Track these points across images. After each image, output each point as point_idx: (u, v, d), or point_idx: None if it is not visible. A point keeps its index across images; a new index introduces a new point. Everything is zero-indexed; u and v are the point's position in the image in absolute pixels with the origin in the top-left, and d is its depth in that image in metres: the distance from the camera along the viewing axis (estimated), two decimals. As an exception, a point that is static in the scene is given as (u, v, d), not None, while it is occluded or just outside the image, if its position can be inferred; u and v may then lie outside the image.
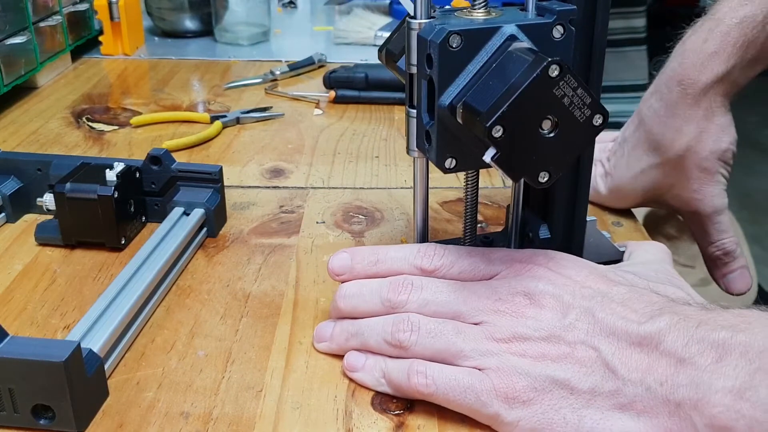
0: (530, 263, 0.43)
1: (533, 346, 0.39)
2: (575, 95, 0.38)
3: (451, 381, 0.40)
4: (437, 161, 0.43)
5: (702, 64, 0.54)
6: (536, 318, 0.40)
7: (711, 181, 0.57)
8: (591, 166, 0.47)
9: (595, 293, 0.40)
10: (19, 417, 0.39)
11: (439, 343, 0.41)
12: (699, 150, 0.56)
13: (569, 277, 0.41)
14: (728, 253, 0.59)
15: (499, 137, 0.37)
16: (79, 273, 0.54)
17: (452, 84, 0.41)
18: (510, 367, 0.39)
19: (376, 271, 0.45)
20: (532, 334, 0.39)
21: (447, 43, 0.40)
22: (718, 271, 0.60)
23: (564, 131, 0.39)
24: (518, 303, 0.41)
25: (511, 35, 0.41)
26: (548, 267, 0.42)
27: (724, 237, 0.59)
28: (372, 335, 0.43)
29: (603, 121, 0.39)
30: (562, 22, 0.41)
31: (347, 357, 0.44)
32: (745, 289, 0.59)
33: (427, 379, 0.40)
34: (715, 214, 0.58)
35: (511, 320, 0.40)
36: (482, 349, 0.40)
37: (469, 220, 0.49)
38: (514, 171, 0.39)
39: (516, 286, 0.41)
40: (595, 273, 0.42)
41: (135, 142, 0.77)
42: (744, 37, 0.52)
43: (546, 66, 0.37)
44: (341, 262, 0.46)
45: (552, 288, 0.41)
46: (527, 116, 0.38)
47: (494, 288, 0.42)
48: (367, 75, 0.87)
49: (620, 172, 0.61)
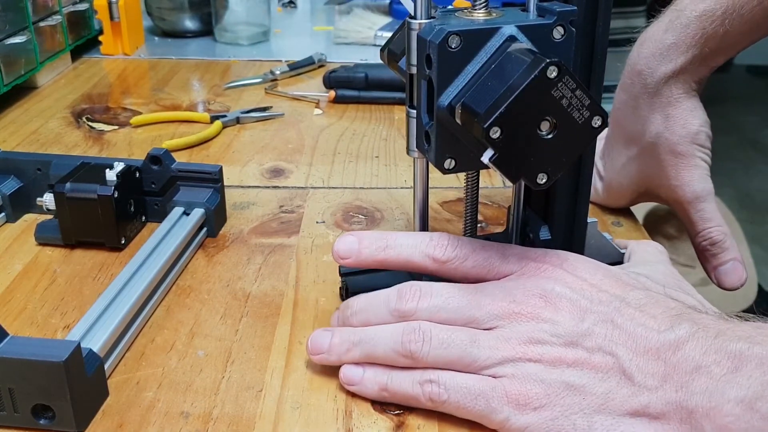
0: (545, 263, 0.42)
1: (549, 351, 0.38)
2: (574, 96, 0.38)
3: (464, 389, 0.39)
4: (436, 162, 0.43)
5: (661, 55, 0.53)
6: (552, 321, 0.39)
7: (688, 165, 0.55)
8: (592, 167, 0.47)
9: (612, 298, 0.40)
10: (19, 417, 0.39)
11: (453, 353, 0.39)
12: (669, 136, 0.55)
13: (584, 279, 0.41)
14: (715, 244, 0.56)
15: (497, 138, 0.37)
16: (79, 273, 0.54)
17: (451, 84, 0.41)
18: (525, 373, 0.38)
19: (384, 257, 0.43)
20: (549, 339, 0.39)
21: (446, 44, 0.40)
22: (708, 264, 0.57)
23: (562, 132, 0.39)
24: (533, 305, 0.40)
25: (511, 36, 0.40)
26: (563, 268, 0.41)
27: (709, 225, 0.56)
28: (380, 345, 0.41)
29: (602, 122, 0.39)
30: (562, 23, 0.41)
31: (344, 370, 0.42)
32: (738, 283, 0.56)
33: (440, 388, 0.39)
34: (698, 201, 0.56)
35: (527, 324, 0.39)
36: (497, 357, 0.39)
37: (470, 220, 0.49)
38: (512, 172, 0.39)
39: (531, 288, 0.40)
40: (610, 276, 0.41)
41: (135, 141, 0.77)
42: (703, 30, 0.52)
43: (544, 67, 0.37)
44: (348, 245, 0.43)
45: (568, 291, 0.40)
46: (525, 117, 0.38)
47: (508, 290, 0.41)
48: (367, 75, 0.87)
49: (608, 170, 0.61)
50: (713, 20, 0.51)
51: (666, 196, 0.58)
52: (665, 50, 0.53)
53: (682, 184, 0.55)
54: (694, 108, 0.55)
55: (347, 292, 0.49)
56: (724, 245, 0.56)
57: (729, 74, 3.17)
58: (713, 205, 0.56)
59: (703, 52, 0.53)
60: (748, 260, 1.45)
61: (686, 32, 0.52)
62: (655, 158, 0.56)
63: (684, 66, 0.53)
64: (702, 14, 0.52)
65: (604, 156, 0.62)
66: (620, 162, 0.59)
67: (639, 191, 0.60)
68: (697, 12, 0.52)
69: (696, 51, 0.53)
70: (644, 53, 0.54)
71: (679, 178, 0.55)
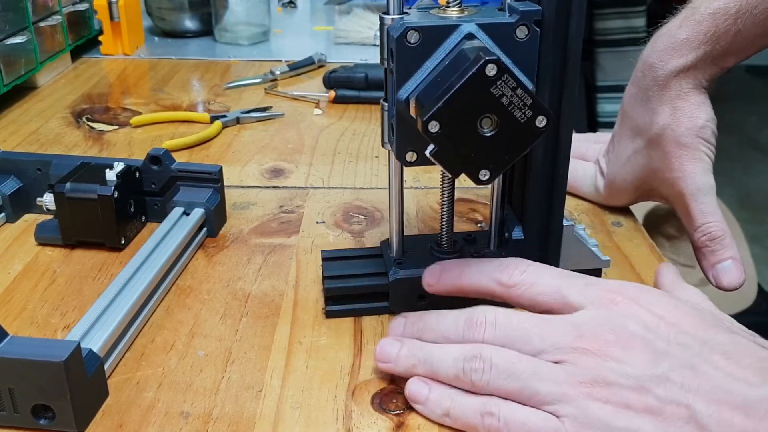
0: (619, 295, 0.39)
1: (617, 393, 0.36)
2: (515, 95, 0.38)
3: (524, 427, 0.37)
4: (398, 154, 0.44)
5: (673, 49, 0.54)
6: (623, 361, 0.36)
7: (691, 158, 0.55)
8: (567, 166, 0.47)
9: (693, 341, 0.36)
10: (19, 417, 0.39)
11: (514, 385, 0.38)
12: (675, 127, 0.55)
13: (662, 317, 0.37)
14: (714, 239, 0.54)
15: (435, 133, 0.38)
16: (79, 273, 0.54)
17: (411, 79, 0.42)
18: (588, 416, 0.36)
19: (460, 283, 0.44)
20: (617, 380, 0.36)
21: (404, 39, 0.41)
22: (706, 261, 0.55)
23: (504, 131, 0.39)
24: (603, 341, 0.37)
25: (469, 34, 0.41)
26: (639, 303, 0.38)
27: (709, 220, 0.54)
28: (443, 367, 0.40)
29: (546, 122, 0.39)
30: (525, 23, 0.42)
31: (410, 385, 0.41)
32: (736, 283, 0.54)
33: (499, 422, 0.38)
34: (699, 193, 0.55)
35: (594, 360, 0.37)
36: (560, 393, 0.37)
37: (446, 217, 0.49)
38: (453, 167, 0.40)
39: (602, 323, 0.38)
40: (692, 314, 0.38)
41: (135, 142, 0.77)
42: (716, 27, 0.52)
43: (483, 64, 0.37)
44: (431, 273, 0.45)
45: (642, 330, 0.37)
46: (465, 113, 0.38)
47: (577, 324, 0.38)
48: (367, 75, 0.87)
49: (611, 166, 0.61)
50: (726, 18, 0.52)
51: (667, 191, 0.57)
52: (678, 45, 0.54)
53: (684, 175, 0.55)
54: (702, 103, 0.55)
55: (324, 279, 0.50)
56: (723, 242, 0.54)
57: (729, 74, 3.14)
58: (714, 200, 0.55)
59: (715, 50, 0.53)
60: (748, 260, 1.44)
61: (699, 29, 0.53)
62: (660, 150, 0.56)
63: (695, 62, 0.54)
64: (716, 12, 0.52)
65: (608, 152, 0.62)
66: (625, 155, 0.59)
67: (642, 187, 0.60)
68: (711, 9, 0.52)
69: (708, 48, 0.53)
70: (657, 47, 0.55)
71: (681, 170, 0.55)
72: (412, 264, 0.49)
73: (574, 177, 0.63)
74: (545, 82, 0.44)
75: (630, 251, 0.58)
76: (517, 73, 0.42)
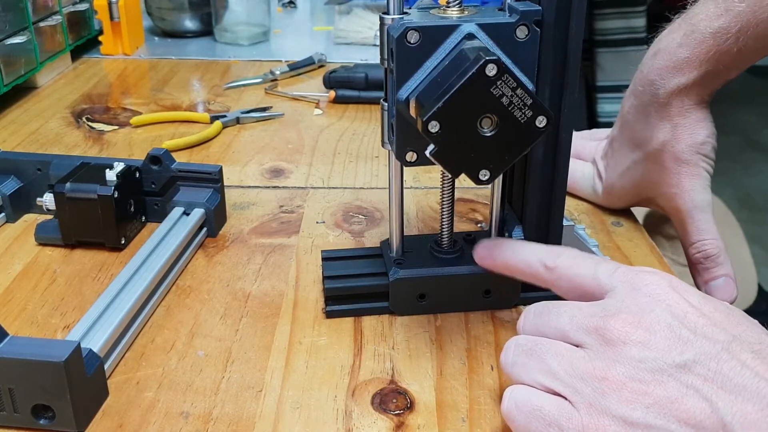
0: (650, 281, 0.38)
1: (634, 380, 0.34)
2: (515, 95, 0.38)
3: (536, 410, 0.36)
4: (398, 154, 0.44)
5: (674, 68, 0.53)
6: (644, 344, 0.34)
7: (690, 174, 0.55)
8: (567, 166, 0.47)
9: (723, 334, 0.34)
10: (19, 417, 0.39)
11: (534, 366, 0.38)
12: (675, 143, 0.55)
13: (692, 305, 0.36)
14: (709, 257, 0.55)
15: (435, 133, 0.38)
16: (79, 273, 0.54)
17: (411, 78, 0.42)
18: (604, 405, 0.34)
19: (514, 261, 0.45)
20: (636, 365, 0.34)
21: (404, 39, 0.41)
22: (699, 278, 0.56)
23: (504, 131, 0.39)
24: (625, 321, 0.35)
25: (469, 34, 0.41)
26: (672, 289, 0.37)
27: (704, 237, 0.55)
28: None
29: (546, 122, 0.39)
30: (525, 23, 0.42)
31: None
32: (727, 301, 0.55)
33: (508, 402, 0.37)
34: (696, 210, 0.55)
35: (614, 347, 0.35)
36: (577, 375, 0.35)
37: (446, 217, 0.49)
38: (453, 167, 0.40)
39: (629, 305, 0.36)
40: (723, 309, 0.36)
41: (135, 142, 0.77)
42: (717, 47, 0.52)
43: (483, 64, 0.37)
44: (484, 249, 0.46)
45: (669, 317, 0.35)
46: (465, 114, 0.38)
47: (603, 305, 0.37)
48: (367, 75, 0.87)
49: (610, 172, 0.61)
50: (727, 38, 0.51)
51: (665, 204, 0.58)
52: (679, 64, 0.53)
53: (681, 191, 0.55)
54: (703, 119, 0.55)
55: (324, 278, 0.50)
56: (718, 260, 0.55)
57: (729, 75, 3.16)
58: (710, 217, 0.56)
59: (717, 68, 0.53)
60: (748, 260, 1.44)
61: (700, 48, 0.52)
62: (659, 165, 0.56)
63: (696, 80, 0.53)
64: (717, 31, 0.51)
65: (606, 156, 0.62)
66: (624, 165, 0.59)
67: (639, 196, 0.60)
68: (711, 29, 0.52)
69: (709, 66, 0.53)
70: (657, 65, 0.54)
71: (679, 186, 0.55)
72: (412, 264, 0.49)
73: (573, 178, 0.63)
74: (545, 82, 0.44)
75: (630, 251, 0.58)
76: (517, 73, 0.42)
